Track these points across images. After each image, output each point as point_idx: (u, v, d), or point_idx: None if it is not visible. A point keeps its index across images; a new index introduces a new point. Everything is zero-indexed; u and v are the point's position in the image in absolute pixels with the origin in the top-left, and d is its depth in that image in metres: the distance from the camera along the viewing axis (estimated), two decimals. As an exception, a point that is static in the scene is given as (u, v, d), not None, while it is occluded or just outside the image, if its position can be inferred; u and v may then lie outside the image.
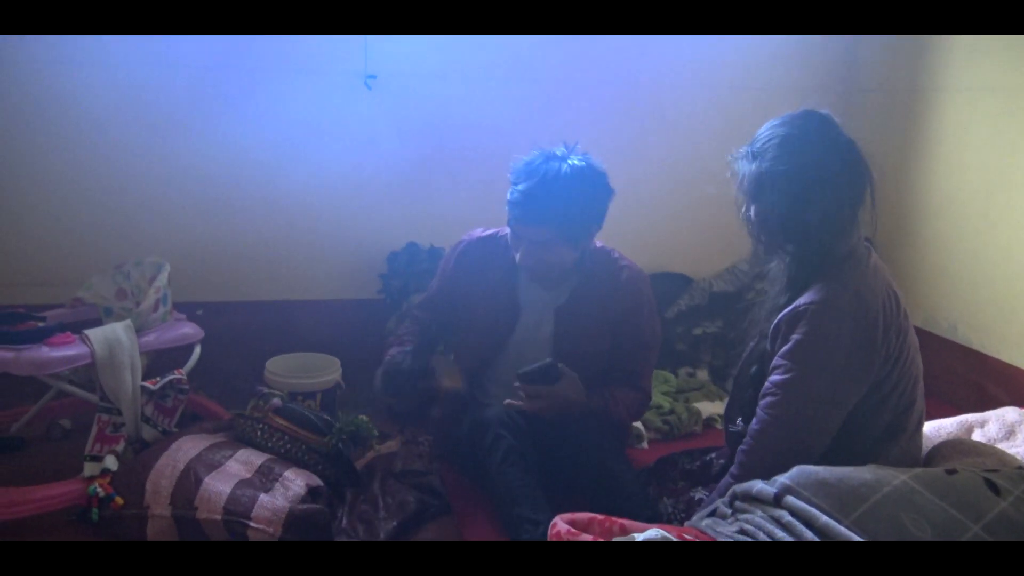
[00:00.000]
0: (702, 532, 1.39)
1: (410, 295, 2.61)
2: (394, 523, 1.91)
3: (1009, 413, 1.90)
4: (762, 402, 1.52)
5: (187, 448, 1.92)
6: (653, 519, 1.66)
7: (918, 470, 1.37)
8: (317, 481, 1.94)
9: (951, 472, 1.37)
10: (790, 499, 1.33)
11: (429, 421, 2.23)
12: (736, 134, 2.83)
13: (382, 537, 1.86)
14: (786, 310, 1.51)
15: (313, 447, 2.05)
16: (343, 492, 2.05)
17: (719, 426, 2.49)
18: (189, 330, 2.20)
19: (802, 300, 1.49)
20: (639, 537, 1.26)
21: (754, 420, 1.53)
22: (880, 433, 1.53)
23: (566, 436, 1.86)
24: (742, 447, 1.54)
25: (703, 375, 2.72)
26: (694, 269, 2.98)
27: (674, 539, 1.25)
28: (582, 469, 1.78)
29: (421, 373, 1.92)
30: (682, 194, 2.92)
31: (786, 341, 1.49)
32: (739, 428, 1.62)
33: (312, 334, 2.65)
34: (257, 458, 1.95)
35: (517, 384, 1.84)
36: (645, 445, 2.35)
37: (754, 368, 1.61)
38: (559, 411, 1.85)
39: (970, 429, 1.86)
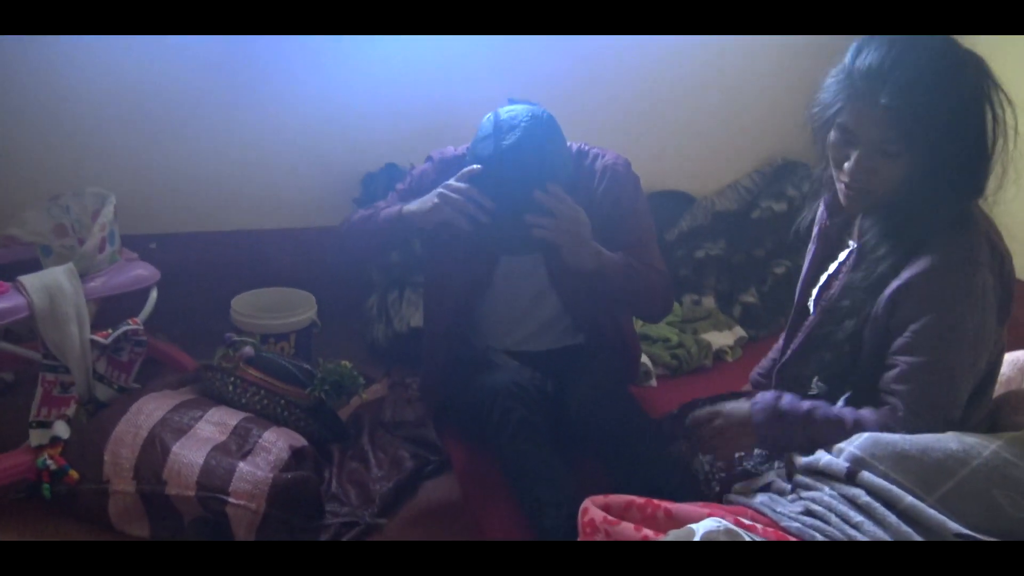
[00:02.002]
0: (759, 513, 1.21)
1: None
2: (390, 485, 1.73)
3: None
4: (899, 387, 1.27)
5: (150, 410, 1.69)
6: (687, 483, 1.49)
7: (1008, 435, 1.18)
8: (301, 441, 1.74)
9: (1046, 436, 1.20)
10: (866, 475, 1.15)
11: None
12: (736, 39, 2.59)
13: (377, 503, 1.68)
14: (914, 271, 1.26)
15: (293, 401, 1.83)
16: (329, 449, 1.85)
17: (730, 359, 2.33)
18: (143, 272, 1.93)
19: (935, 260, 1.24)
20: (697, 530, 1.08)
21: (888, 408, 1.27)
22: (971, 393, 1.34)
23: (577, 394, 1.66)
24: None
25: (709, 302, 2.53)
26: (694, 186, 2.75)
27: (741, 532, 1.06)
28: (600, 436, 1.58)
29: None
30: (680, 105, 2.66)
31: (922, 308, 1.25)
32: (818, 390, 1.40)
33: (281, 267, 2.38)
34: (231, 417, 1.73)
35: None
36: (654, 383, 2.17)
37: (849, 325, 1.34)
38: (577, 238, 1.59)
39: None
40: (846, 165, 1.28)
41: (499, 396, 1.56)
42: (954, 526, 1.08)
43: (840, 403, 1.33)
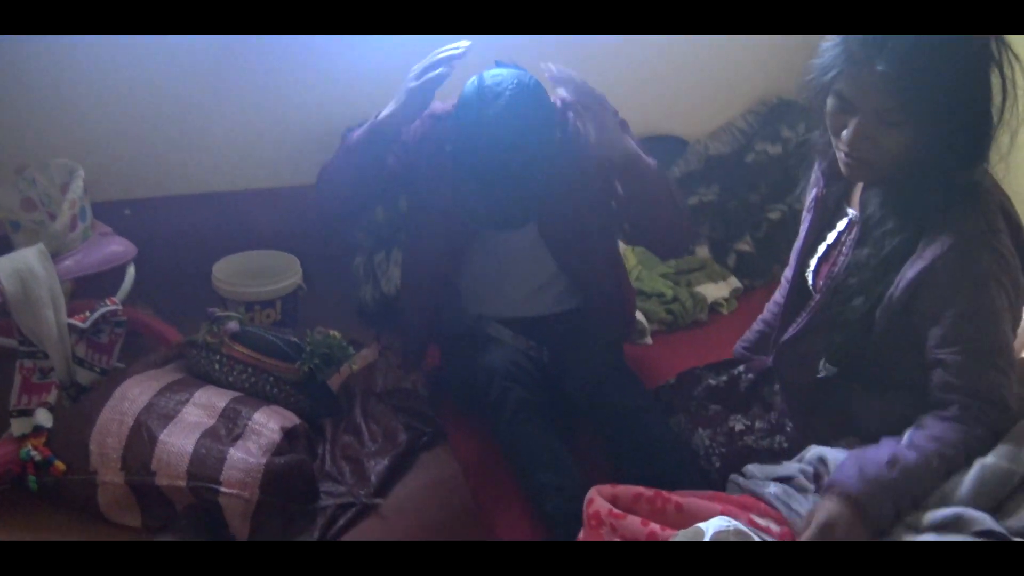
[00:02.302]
0: (770, 507, 1.19)
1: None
2: (385, 462, 1.69)
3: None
4: (956, 381, 1.17)
5: (134, 395, 1.63)
6: (687, 459, 1.46)
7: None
8: (292, 420, 1.70)
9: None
10: None
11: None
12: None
13: (373, 482, 1.65)
14: (935, 252, 1.18)
15: (281, 376, 1.78)
16: (322, 424, 1.81)
17: (725, 311, 2.29)
18: (118, 247, 1.85)
19: (955, 238, 1.17)
20: (706, 529, 1.06)
21: (939, 427, 1.17)
22: None
23: (574, 371, 1.62)
24: (913, 444, 1.18)
25: (703, 252, 2.47)
26: (686, 129, 2.66)
27: (751, 532, 1.04)
28: (599, 415, 1.55)
29: None
30: (668, 42, 2.54)
31: (953, 292, 1.17)
32: (827, 372, 1.34)
33: (261, 228, 2.29)
34: (219, 399, 1.68)
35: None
36: (649, 340, 2.12)
37: (858, 303, 1.27)
38: (603, 116, 1.51)
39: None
40: (844, 134, 1.21)
41: (496, 376, 1.52)
42: (980, 515, 1.06)
43: (906, 438, 1.21)
